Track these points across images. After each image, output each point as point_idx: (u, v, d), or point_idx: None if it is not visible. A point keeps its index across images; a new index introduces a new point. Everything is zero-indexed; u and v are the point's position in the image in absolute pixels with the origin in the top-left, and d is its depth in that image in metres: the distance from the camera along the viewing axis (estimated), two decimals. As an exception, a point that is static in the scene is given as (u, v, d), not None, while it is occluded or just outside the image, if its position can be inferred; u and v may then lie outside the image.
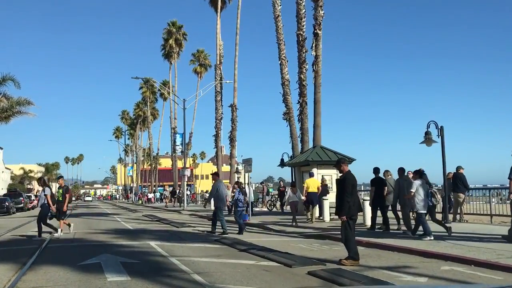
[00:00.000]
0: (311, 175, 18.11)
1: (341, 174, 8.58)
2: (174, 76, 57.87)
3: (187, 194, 38.74)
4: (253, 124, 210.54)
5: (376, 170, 14.28)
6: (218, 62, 38.66)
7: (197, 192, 58.47)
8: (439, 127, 15.81)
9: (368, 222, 14.62)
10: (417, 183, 11.40)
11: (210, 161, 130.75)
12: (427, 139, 15.65)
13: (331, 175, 20.93)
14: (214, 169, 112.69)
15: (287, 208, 23.97)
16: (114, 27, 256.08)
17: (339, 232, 13.12)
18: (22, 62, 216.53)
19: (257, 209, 28.60)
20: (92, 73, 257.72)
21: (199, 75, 54.63)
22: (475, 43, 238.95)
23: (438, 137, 15.79)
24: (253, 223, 17.92)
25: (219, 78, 38.22)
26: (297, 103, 25.00)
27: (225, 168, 62.86)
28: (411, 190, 11.25)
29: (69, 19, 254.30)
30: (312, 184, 17.40)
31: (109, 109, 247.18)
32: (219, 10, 39.39)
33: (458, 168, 16.58)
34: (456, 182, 16.25)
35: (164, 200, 47.88)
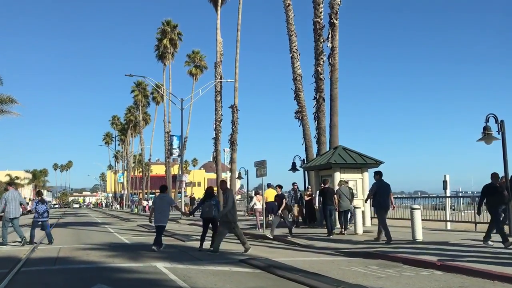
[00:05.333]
0: (269, 185, 19.06)
1: None
2: (169, 78, 55.01)
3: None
4: (249, 129, 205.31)
5: (325, 181, 15.65)
6: (219, 60, 36.07)
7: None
8: (499, 122, 13.36)
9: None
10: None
11: (202, 168, 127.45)
12: (487, 136, 13.15)
13: (356, 179, 18.55)
14: (208, 176, 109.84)
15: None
16: (102, 29, 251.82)
17: (390, 249, 10.69)
18: (10, 65, 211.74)
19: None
20: (81, 77, 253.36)
21: (194, 77, 52.12)
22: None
23: (498, 133, 13.39)
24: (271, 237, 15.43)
25: (219, 77, 35.64)
26: (313, 99, 22.39)
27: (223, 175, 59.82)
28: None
29: (55, 21, 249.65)
30: (271, 194, 17.90)
31: (99, 114, 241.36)
32: (219, 5, 36.90)
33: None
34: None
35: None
